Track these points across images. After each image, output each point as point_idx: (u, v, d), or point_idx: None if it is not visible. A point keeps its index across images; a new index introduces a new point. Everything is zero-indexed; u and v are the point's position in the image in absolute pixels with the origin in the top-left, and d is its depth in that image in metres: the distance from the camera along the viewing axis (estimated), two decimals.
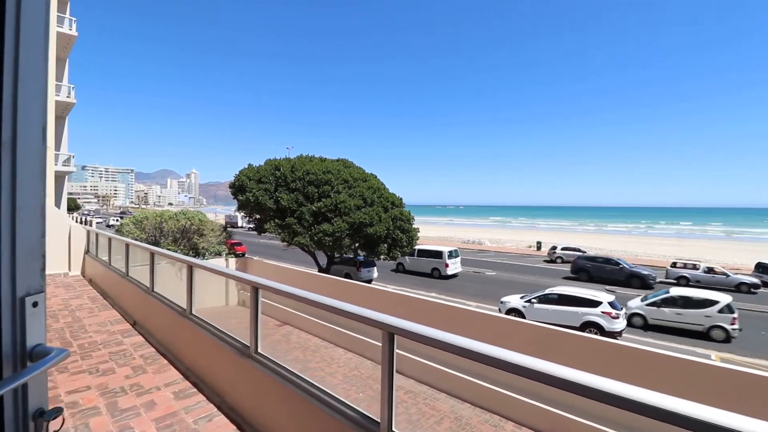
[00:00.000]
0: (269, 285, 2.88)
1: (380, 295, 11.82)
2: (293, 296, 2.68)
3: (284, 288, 2.77)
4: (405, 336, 2.01)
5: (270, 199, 17.32)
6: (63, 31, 16.44)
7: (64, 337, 4.84)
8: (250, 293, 3.10)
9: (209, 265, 3.71)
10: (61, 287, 7.65)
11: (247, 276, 3.12)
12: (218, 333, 3.69)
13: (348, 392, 8.73)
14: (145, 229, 16.56)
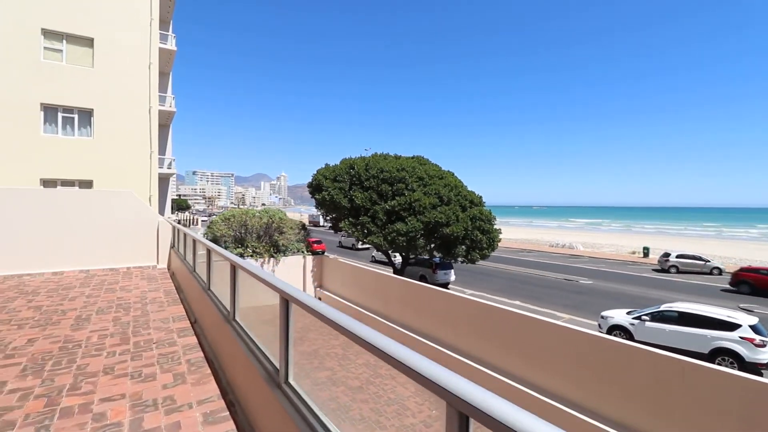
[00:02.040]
0: (302, 300, 2.15)
1: (458, 303, 10.70)
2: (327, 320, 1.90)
3: (319, 307, 2.00)
4: None
5: (344, 197, 17.20)
6: (165, 47, 18.29)
7: (125, 333, 4.76)
8: (280, 306, 2.41)
9: (249, 267, 3.13)
10: (144, 279, 8.03)
11: (279, 284, 2.44)
12: (252, 346, 3.09)
13: None
14: (232, 226, 17.57)
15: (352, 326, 1.72)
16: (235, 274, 3.54)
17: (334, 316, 1.85)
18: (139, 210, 9.34)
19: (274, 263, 16.65)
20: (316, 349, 7.29)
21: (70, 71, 14.85)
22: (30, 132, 14.02)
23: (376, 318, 13.58)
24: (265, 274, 2.69)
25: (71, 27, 14.86)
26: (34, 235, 8.22)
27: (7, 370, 3.66)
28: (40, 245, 8.26)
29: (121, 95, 15.63)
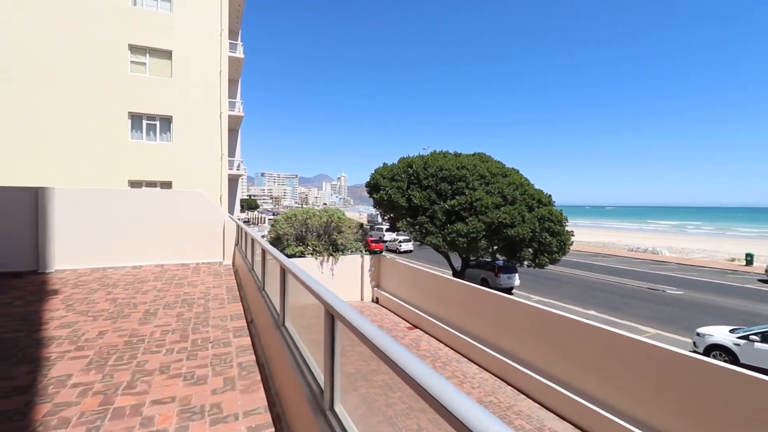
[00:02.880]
0: (347, 317, 1.77)
1: (524, 311, 9.81)
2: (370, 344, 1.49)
3: (364, 328, 1.61)
4: None
5: (402, 197, 16.85)
6: (234, 55, 19.36)
7: (186, 330, 4.79)
8: (325, 320, 2.05)
9: (297, 271, 2.84)
10: (210, 275, 8.32)
11: (325, 295, 2.08)
12: (299, 358, 2.79)
13: None
14: (293, 225, 18.07)
15: (397, 358, 1.30)
16: (284, 278, 3.30)
17: (379, 341, 1.44)
18: (207, 209, 9.78)
19: (332, 261, 16.80)
20: (371, 370, 6.87)
21: (152, 82, 16.22)
22: (119, 138, 15.53)
23: (435, 322, 13.04)
24: (312, 281, 2.36)
25: (153, 41, 16.21)
26: (117, 231, 8.91)
27: (75, 363, 3.77)
28: (122, 241, 8.93)
29: (195, 102, 16.76)
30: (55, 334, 4.55)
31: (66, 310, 5.58)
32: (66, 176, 14.42)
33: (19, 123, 14.26)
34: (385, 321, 14.60)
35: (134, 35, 15.92)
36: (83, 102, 15.03)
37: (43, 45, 14.57)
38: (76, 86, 14.95)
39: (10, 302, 5.90)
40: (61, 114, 14.73)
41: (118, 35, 15.63)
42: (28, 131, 14.34)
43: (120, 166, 15.48)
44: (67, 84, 14.84)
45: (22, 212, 8.12)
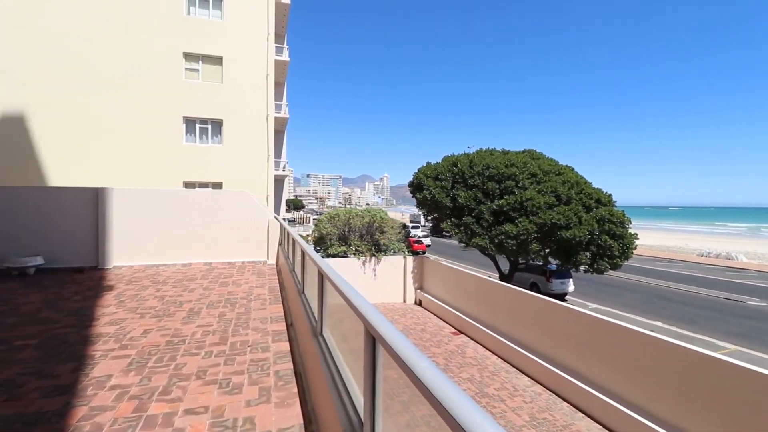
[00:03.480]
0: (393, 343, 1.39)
1: (581, 321, 8.94)
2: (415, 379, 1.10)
3: (409, 357, 1.22)
4: None
5: (446, 196, 16.26)
6: (280, 58, 19.77)
7: (226, 332, 4.68)
8: (365, 340, 1.70)
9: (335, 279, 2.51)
10: (254, 274, 8.34)
11: (365, 311, 1.72)
12: (336, 376, 2.46)
13: None
14: (336, 224, 18.08)
15: (457, 410, 0.90)
16: (322, 283, 3.01)
17: (430, 379, 1.05)
18: (252, 208, 9.88)
19: (375, 262, 16.58)
20: (416, 400, 6.46)
21: (204, 87, 16.93)
22: (175, 141, 16.34)
23: (481, 327, 12.36)
24: (352, 293, 2.02)
25: (206, 49, 16.91)
26: (169, 229, 9.22)
27: (117, 363, 3.74)
28: (174, 239, 9.23)
29: (243, 105, 17.28)
30: (103, 331, 4.61)
31: (117, 306, 5.72)
32: (127, 177, 15.38)
33: (85, 128, 15.41)
34: (429, 325, 14.12)
35: (188, 43, 16.69)
36: (143, 108, 15.97)
37: (107, 56, 15.65)
38: (137, 94, 15.92)
39: (69, 297, 6.17)
40: (123, 120, 15.75)
41: (174, 44, 16.46)
42: (94, 136, 15.46)
43: (176, 168, 16.28)
44: (128, 92, 15.84)
45: (85, 211, 8.61)
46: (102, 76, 15.52)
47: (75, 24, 15.27)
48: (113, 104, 15.64)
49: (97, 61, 15.49)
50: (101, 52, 15.55)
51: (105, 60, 15.58)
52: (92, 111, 15.42)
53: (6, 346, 4.10)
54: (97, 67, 15.49)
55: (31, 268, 7.84)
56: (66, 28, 15.17)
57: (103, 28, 15.60)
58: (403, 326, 13.75)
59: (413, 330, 13.39)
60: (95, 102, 15.46)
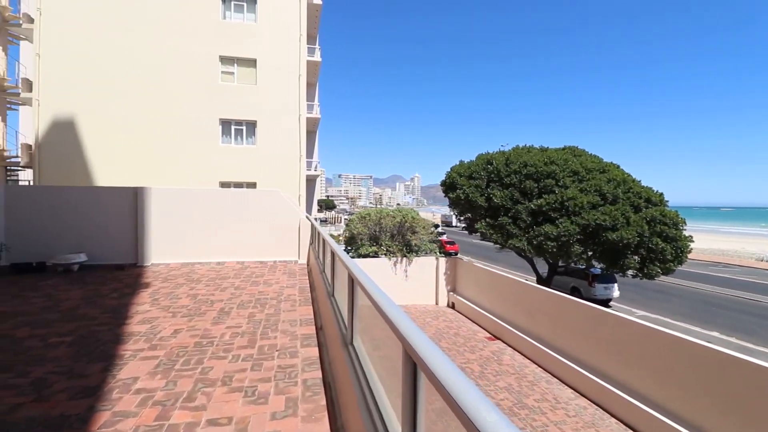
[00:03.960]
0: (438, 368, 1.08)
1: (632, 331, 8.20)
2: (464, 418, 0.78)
3: (468, 397, 0.90)
4: None
5: (481, 196, 15.66)
6: (312, 59, 19.85)
7: (254, 334, 4.53)
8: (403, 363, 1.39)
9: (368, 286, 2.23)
10: (285, 274, 8.25)
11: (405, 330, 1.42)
12: (368, 395, 2.17)
13: None
14: (367, 224, 17.91)
15: None
16: (353, 289, 2.73)
17: None
18: (284, 208, 9.85)
19: (406, 263, 16.25)
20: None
21: (239, 90, 17.25)
22: (211, 143, 16.75)
23: (518, 334, 11.74)
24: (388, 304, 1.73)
25: (241, 51, 17.23)
26: (204, 228, 9.34)
27: (144, 364, 3.65)
28: (208, 237, 9.34)
29: (276, 106, 17.46)
30: (135, 330, 4.59)
31: (151, 304, 5.75)
32: (166, 178, 15.91)
33: (127, 130, 16.09)
34: (462, 329, 13.63)
35: (224, 47, 17.06)
36: (181, 111, 16.48)
37: (148, 62, 16.27)
38: (175, 97, 16.45)
39: (107, 294, 6.29)
40: (162, 122, 16.32)
41: (211, 48, 16.88)
42: (135, 137, 16.11)
43: (212, 169, 16.70)
44: (167, 95, 16.40)
45: (125, 210, 8.86)
46: (143, 81, 16.16)
47: (119, 32, 15.98)
48: (153, 107, 16.25)
49: (138, 67, 16.14)
50: (142, 59, 16.19)
51: (146, 66, 16.21)
52: (133, 114, 16.08)
53: (42, 342, 4.13)
54: (139, 72, 16.14)
55: (75, 265, 8.14)
56: (110, 37, 15.91)
57: (145, 35, 16.24)
58: (436, 329, 13.34)
59: (446, 334, 12.95)
60: (136, 105, 16.12)
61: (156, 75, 16.29)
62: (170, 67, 16.41)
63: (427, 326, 13.58)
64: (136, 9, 16.15)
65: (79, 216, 8.64)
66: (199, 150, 16.60)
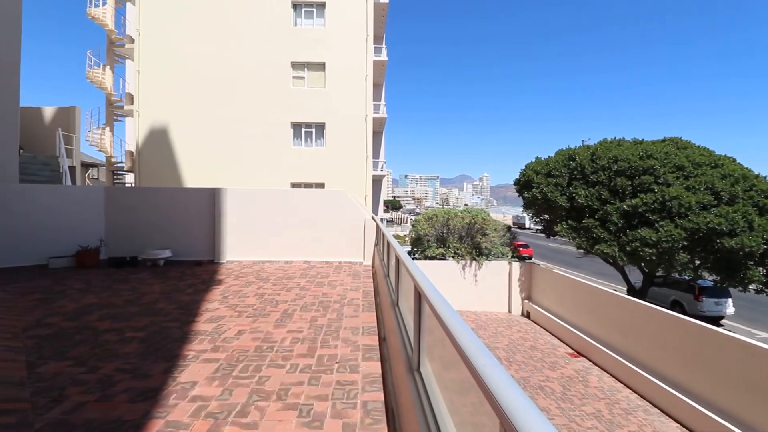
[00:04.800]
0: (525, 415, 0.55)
1: (759, 359, 6.61)
2: None
3: None
4: None
5: (561, 195, 14.18)
6: (379, 58, 19.75)
7: (315, 341, 4.26)
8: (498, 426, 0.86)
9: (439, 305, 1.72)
10: (350, 276, 8.03)
11: (494, 382, 0.90)
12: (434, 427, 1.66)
13: None
14: (434, 225, 17.28)
15: None
16: (420, 305, 2.25)
17: None
18: (349, 208, 9.69)
19: (476, 267, 15.34)
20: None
21: (309, 93, 17.72)
22: (283, 145, 17.42)
23: (608, 352, 10.28)
24: (462, 329, 1.23)
25: (310, 56, 17.69)
26: (274, 227, 9.53)
27: (205, 368, 3.53)
28: (278, 237, 9.51)
29: (343, 107, 17.63)
30: (201, 329, 4.59)
31: (220, 302, 5.82)
32: (243, 180, 16.85)
33: (208, 135, 17.34)
34: (539, 342, 12.40)
35: (295, 53, 17.66)
36: (256, 116, 17.37)
37: (226, 71, 17.39)
38: (251, 103, 17.39)
39: (183, 290, 6.55)
40: (239, 127, 17.34)
41: (283, 55, 17.57)
42: (215, 142, 17.31)
43: (284, 170, 17.36)
44: (244, 102, 17.40)
45: (204, 209, 9.35)
46: (223, 89, 17.32)
47: (203, 46, 17.32)
48: (232, 114, 17.33)
49: (219, 77, 17.34)
50: (223, 69, 17.36)
51: (226, 76, 17.35)
52: (214, 120, 17.31)
53: (118, 336, 4.27)
54: (220, 82, 17.34)
55: (161, 260, 8.75)
56: (195, 51, 17.29)
57: (225, 47, 17.40)
58: (509, 340, 12.30)
59: (521, 347, 11.86)
60: (217, 113, 17.33)
61: (234, 83, 17.36)
62: (247, 75, 17.39)
63: (500, 336, 12.59)
64: (217, 25, 17.38)
65: (165, 214, 9.30)
66: (272, 152, 17.35)
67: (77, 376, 3.29)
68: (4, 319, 4.51)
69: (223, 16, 17.40)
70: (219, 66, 17.33)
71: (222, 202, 9.35)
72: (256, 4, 17.51)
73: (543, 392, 9.15)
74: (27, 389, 3.01)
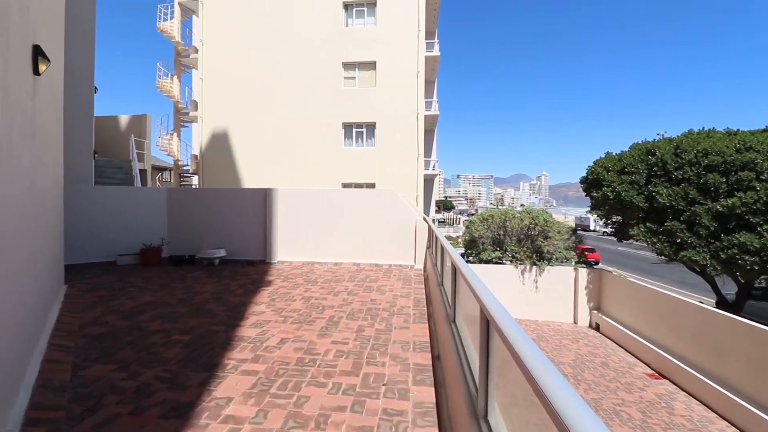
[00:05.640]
0: None
1: None
2: None
3: None
4: None
5: (638, 194, 12.63)
6: (430, 54, 19.11)
7: (360, 357, 3.87)
8: None
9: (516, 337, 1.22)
10: (400, 280, 7.60)
11: None
12: None
13: None
14: (490, 227, 16.34)
15: None
16: (488, 337, 1.73)
17: None
18: (399, 208, 9.26)
19: (536, 272, 14.20)
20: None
21: (360, 93, 17.58)
22: (335, 146, 17.45)
23: (698, 376, 8.85)
24: (556, 383, 0.70)
25: (361, 56, 17.54)
26: (324, 228, 9.37)
27: (243, 382, 3.27)
28: (327, 237, 9.34)
29: (394, 106, 17.26)
30: (245, 335, 4.40)
31: (267, 305, 5.67)
32: (296, 180, 17.11)
33: (263, 137, 17.82)
34: (612, 358, 11.09)
35: (347, 54, 17.61)
36: (309, 118, 17.58)
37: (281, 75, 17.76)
38: (304, 105, 17.61)
39: (234, 290, 6.52)
40: (293, 129, 17.64)
41: (335, 56, 17.60)
42: (270, 144, 17.75)
43: (336, 171, 17.39)
44: (297, 104, 17.67)
45: (257, 209, 9.43)
46: (278, 93, 17.74)
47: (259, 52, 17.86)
48: (286, 116, 17.69)
49: (274, 81, 17.78)
50: (277, 73, 17.78)
51: (280, 79, 17.75)
52: (269, 123, 17.77)
53: (165, 339, 4.19)
54: (274, 85, 17.77)
55: (216, 259, 8.94)
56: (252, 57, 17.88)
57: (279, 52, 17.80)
58: (576, 355, 11.14)
59: (589, 363, 10.68)
60: (272, 115, 17.78)
61: (288, 87, 17.72)
62: (300, 78, 17.66)
63: (565, 350, 11.45)
64: (272, 32, 17.84)
65: (220, 215, 9.51)
66: (324, 153, 17.45)
67: (117, 382, 3.18)
68: (64, 316, 4.65)
69: (277, 23, 17.83)
70: (273, 70, 17.79)
71: (273, 202, 9.36)
72: (309, 9, 17.73)
73: (619, 418, 8.05)
74: (66, 395, 2.93)
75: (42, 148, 3.88)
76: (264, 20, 17.84)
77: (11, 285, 2.59)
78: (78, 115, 8.92)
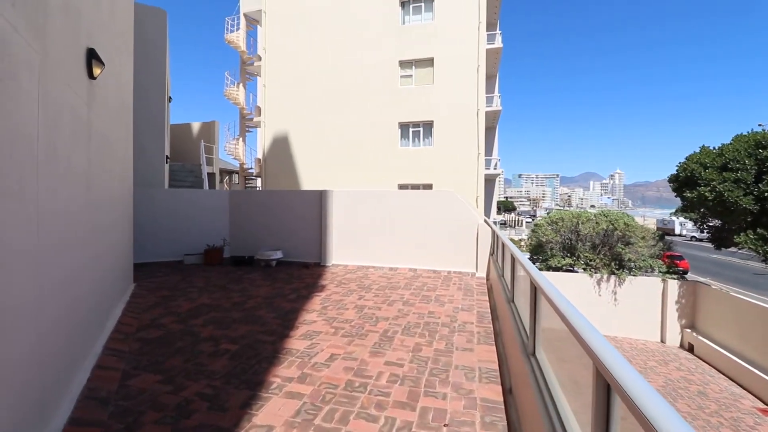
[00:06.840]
0: None
1: None
2: None
3: None
4: None
5: (746, 195, 10.68)
6: (492, 46, 18.01)
7: (417, 384, 3.37)
8: None
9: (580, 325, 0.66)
10: (461, 290, 6.97)
11: None
12: None
13: None
14: (559, 231, 14.98)
15: None
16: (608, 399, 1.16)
17: None
18: (458, 210, 8.61)
19: (615, 283, 12.67)
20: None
21: (417, 91, 17.06)
22: (391, 146, 17.11)
23: None
24: None
25: (418, 53, 17.00)
26: (379, 231, 9.02)
27: (286, 406, 2.94)
28: (382, 241, 8.96)
29: (453, 103, 16.49)
30: (293, 347, 4.13)
31: (319, 313, 5.40)
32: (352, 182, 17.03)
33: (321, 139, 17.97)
34: (710, 387, 9.44)
35: (403, 52, 17.19)
36: (366, 118, 17.41)
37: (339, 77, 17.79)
38: (361, 106, 17.49)
39: (286, 295, 6.37)
40: (350, 130, 17.60)
41: (392, 55, 17.25)
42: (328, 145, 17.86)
43: (391, 172, 17.05)
44: (355, 105, 17.59)
45: (312, 212, 9.34)
46: (336, 95, 17.81)
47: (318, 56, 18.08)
48: (343, 118, 17.70)
49: (332, 83, 17.88)
50: (336, 76, 17.85)
51: (338, 82, 17.81)
52: (328, 125, 17.90)
53: (214, 348, 4.05)
54: (333, 88, 17.87)
55: (273, 261, 8.97)
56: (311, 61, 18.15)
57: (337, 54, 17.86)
58: (665, 380, 9.65)
59: (682, 390, 9.17)
60: (330, 117, 17.89)
61: (346, 88, 17.72)
62: (357, 79, 17.58)
63: (652, 373, 9.98)
64: (330, 36, 17.95)
65: (277, 217, 9.58)
66: (380, 154, 17.20)
67: (160, 396, 3.02)
68: (126, 316, 4.74)
69: (335, 27, 17.92)
70: (332, 74, 17.91)
71: (328, 204, 9.21)
72: (366, 9, 17.59)
73: None
74: (108, 408, 2.81)
75: (101, 153, 3.91)
76: (322, 25, 18.03)
77: (61, 290, 2.49)
78: (151, 123, 9.50)
